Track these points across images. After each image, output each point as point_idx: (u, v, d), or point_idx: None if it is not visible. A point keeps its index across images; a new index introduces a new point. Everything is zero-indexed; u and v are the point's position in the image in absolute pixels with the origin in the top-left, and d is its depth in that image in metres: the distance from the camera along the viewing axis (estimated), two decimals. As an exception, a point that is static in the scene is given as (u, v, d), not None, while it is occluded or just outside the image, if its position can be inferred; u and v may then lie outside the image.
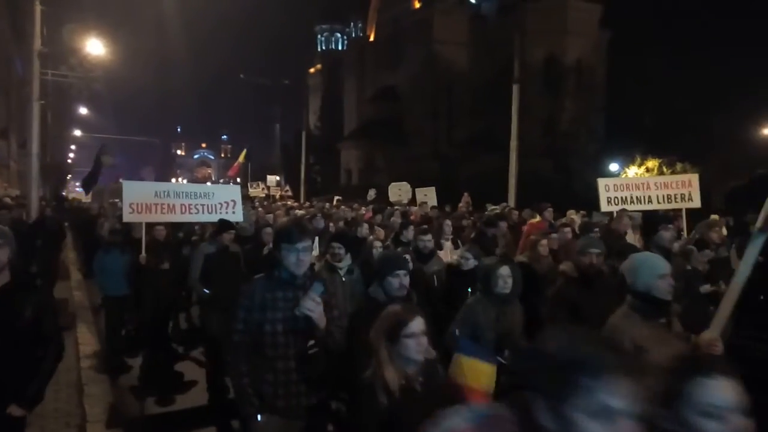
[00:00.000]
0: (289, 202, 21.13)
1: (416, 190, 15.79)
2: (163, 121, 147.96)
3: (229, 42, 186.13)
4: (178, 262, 7.63)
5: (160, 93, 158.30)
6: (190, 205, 7.75)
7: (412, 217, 10.49)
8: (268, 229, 7.46)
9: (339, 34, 74.09)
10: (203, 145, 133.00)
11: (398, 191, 15.84)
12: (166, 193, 7.66)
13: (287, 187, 29.08)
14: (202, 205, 7.86)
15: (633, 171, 36.82)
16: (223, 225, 6.88)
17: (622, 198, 8.89)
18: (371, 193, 19.04)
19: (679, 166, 33.99)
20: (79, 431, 5.07)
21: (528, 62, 31.12)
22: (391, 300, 3.46)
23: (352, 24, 68.54)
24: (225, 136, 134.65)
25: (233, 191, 8.55)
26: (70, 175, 46.64)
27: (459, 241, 8.08)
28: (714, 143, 32.98)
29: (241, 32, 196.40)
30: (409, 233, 7.31)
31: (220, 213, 7.83)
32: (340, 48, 72.70)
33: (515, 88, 19.75)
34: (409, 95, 52.03)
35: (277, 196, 25.42)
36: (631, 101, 39.54)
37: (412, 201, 15.38)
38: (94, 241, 11.96)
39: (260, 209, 13.70)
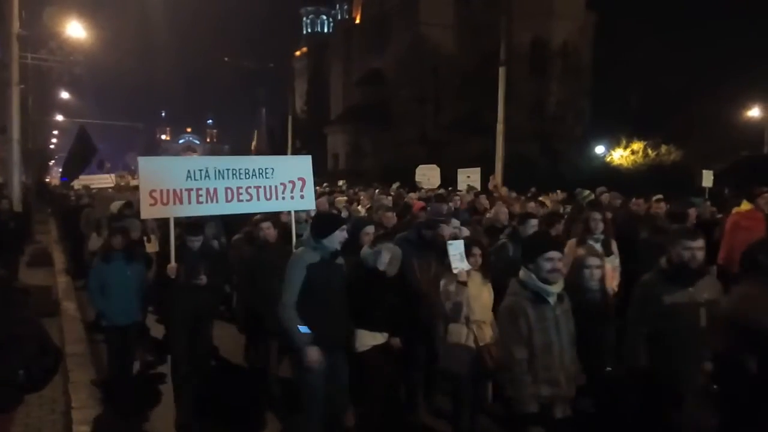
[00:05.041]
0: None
1: (459, 171, 14.34)
2: (147, 106, 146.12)
3: (214, 25, 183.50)
4: (222, 275, 5.62)
5: (144, 77, 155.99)
6: (239, 188, 5.35)
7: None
8: (369, 229, 5.25)
9: (325, 17, 73.28)
10: (188, 129, 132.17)
11: (423, 175, 14.52)
12: (203, 173, 5.22)
13: None
14: (257, 187, 5.43)
15: (618, 153, 37.05)
16: (329, 220, 4.49)
17: None
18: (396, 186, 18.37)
19: (663, 148, 34.30)
20: (65, 418, 5.04)
21: (514, 45, 30.96)
22: None
23: (337, 6, 67.72)
24: (210, 121, 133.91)
25: (301, 165, 5.90)
26: (52, 161, 46.06)
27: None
28: (698, 126, 33.25)
29: (225, 15, 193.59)
30: (528, 227, 5.44)
31: (283, 198, 5.57)
32: (325, 31, 71.96)
33: (501, 71, 19.76)
34: (395, 79, 51.65)
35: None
36: (616, 84, 39.64)
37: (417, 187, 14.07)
38: (80, 234, 11.54)
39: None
